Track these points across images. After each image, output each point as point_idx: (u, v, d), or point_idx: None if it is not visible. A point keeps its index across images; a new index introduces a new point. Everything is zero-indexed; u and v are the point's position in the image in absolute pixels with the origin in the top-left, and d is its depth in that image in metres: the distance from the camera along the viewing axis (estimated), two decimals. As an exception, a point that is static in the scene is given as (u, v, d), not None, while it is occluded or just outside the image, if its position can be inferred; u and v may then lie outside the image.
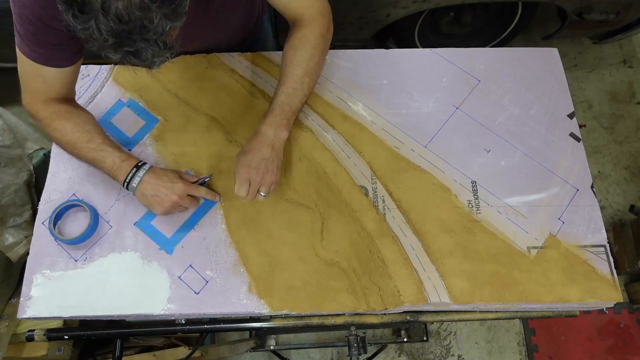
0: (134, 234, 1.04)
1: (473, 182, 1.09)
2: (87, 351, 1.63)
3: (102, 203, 1.07)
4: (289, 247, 1.02)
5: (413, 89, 1.19)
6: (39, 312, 0.98)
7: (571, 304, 0.99)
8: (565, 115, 1.16)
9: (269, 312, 0.97)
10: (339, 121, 1.16)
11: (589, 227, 1.05)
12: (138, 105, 1.17)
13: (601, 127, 2.48)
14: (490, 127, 1.15)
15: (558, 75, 1.21)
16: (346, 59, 1.23)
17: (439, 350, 2.06)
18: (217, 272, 1.00)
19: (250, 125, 1.14)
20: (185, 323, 1.07)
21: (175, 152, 1.12)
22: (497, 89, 1.19)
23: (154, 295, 0.98)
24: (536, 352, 2.04)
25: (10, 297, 1.45)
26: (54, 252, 1.02)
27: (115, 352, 1.19)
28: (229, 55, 1.23)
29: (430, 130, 1.15)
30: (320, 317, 1.04)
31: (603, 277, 1.00)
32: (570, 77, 2.57)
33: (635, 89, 2.57)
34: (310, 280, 0.99)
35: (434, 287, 0.99)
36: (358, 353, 1.21)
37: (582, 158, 1.12)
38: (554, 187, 1.08)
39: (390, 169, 1.10)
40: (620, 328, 2.07)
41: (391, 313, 1.02)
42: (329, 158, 1.11)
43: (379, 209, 1.06)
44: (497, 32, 2.32)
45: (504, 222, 1.05)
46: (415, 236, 1.03)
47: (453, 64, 1.23)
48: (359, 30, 2.02)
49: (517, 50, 1.25)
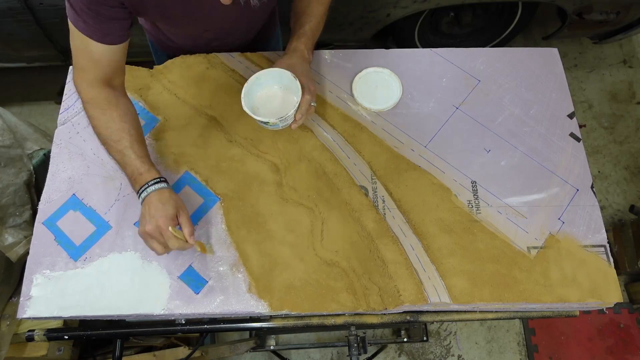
0: (134, 234, 1.04)
1: (473, 182, 1.09)
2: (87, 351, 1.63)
3: (102, 203, 1.07)
4: (288, 247, 1.02)
5: (413, 89, 1.19)
6: (39, 312, 0.98)
7: (571, 304, 0.99)
8: (565, 115, 1.16)
9: (269, 312, 0.97)
10: (339, 121, 1.16)
11: (589, 227, 1.05)
12: (138, 105, 1.17)
13: (601, 127, 2.48)
14: (490, 127, 1.15)
15: (558, 75, 1.21)
16: (346, 59, 1.23)
17: (439, 350, 2.06)
18: (217, 272, 1.00)
19: (250, 125, 1.14)
20: (185, 323, 1.07)
21: (175, 152, 1.12)
22: (497, 89, 1.19)
23: (154, 295, 0.98)
24: (536, 352, 2.04)
25: (11, 296, 1.45)
26: (54, 252, 1.02)
27: (115, 352, 1.19)
28: (229, 55, 1.24)
29: (430, 130, 1.15)
30: (320, 317, 1.04)
31: (603, 277, 1.00)
32: (570, 77, 2.57)
33: (635, 89, 2.57)
34: (310, 280, 0.99)
35: (434, 287, 0.99)
36: (358, 353, 1.21)
37: (582, 158, 1.12)
38: (554, 187, 1.08)
39: (390, 169, 1.10)
40: (620, 328, 2.07)
41: (391, 313, 1.02)
42: (329, 158, 1.12)
43: (379, 209, 1.06)
44: (497, 32, 2.32)
45: (504, 222, 1.05)
46: (415, 236, 1.03)
47: (453, 64, 1.23)
48: (359, 30, 2.03)
49: (517, 50, 1.25)
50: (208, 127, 1.15)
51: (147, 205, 0.90)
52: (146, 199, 0.91)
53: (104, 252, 1.02)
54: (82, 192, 1.08)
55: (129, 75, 1.20)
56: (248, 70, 1.21)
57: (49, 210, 1.06)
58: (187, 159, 1.11)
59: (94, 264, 1.01)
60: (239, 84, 1.19)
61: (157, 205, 0.90)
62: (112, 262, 1.01)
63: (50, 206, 1.07)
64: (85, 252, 1.02)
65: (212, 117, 1.16)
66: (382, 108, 1.16)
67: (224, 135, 1.14)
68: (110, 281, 0.99)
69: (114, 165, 1.10)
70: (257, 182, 1.09)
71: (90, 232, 1.04)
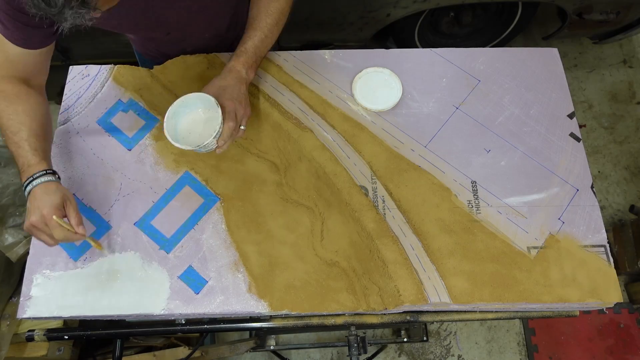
0: (134, 234, 1.04)
1: (473, 182, 1.09)
2: (87, 351, 1.63)
3: (102, 203, 1.07)
4: (288, 247, 1.02)
5: (413, 89, 1.19)
6: (39, 312, 0.98)
7: (571, 304, 0.99)
8: (565, 115, 1.16)
9: (269, 312, 0.97)
10: (339, 121, 1.16)
11: (589, 227, 1.05)
12: (138, 105, 1.17)
13: (601, 127, 2.48)
14: (490, 127, 1.15)
15: (558, 75, 1.21)
16: (346, 59, 1.23)
17: (439, 350, 2.06)
18: (217, 272, 1.00)
19: (250, 125, 1.14)
20: (185, 323, 1.07)
21: (175, 152, 1.12)
22: (497, 89, 1.19)
23: (154, 295, 0.98)
24: (536, 352, 2.04)
25: (11, 296, 1.45)
26: (54, 252, 1.02)
27: (115, 352, 1.19)
28: (229, 55, 1.23)
29: (430, 130, 1.15)
30: (320, 317, 1.04)
31: (603, 277, 1.00)
32: (570, 77, 2.57)
33: (635, 89, 2.57)
34: (310, 280, 0.99)
35: (434, 287, 0.99)
36: (358, 353, 1.21)
37: (582, 158, 1.12)
38: (554, 187, 1.08)
39: (390, 169, 1.10)
40: (620, 328, 2.07)
41: (391, 313, 1.02)
42: (329, 158, 1.12)
43: (379, 209, 1.06)
44: (497, 32, 2.32)
45: (504, 222, 1.05)
46: (415, 236, 1.03)
47: (453, 64, 1.23)
48: (359, 30, 2.03)
49: (517, 50, 1.25)
50: (208, 127, 1.15)
51: (32, 197, 0.88)
52: (32, 191, 0.89)
53: (104, 252, 1.02)
54: (82, 192, 1.08)
55: (130, 76, 1.21)
56: (248, 70, 1.21)
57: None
58: (187, 159, 1.11)
59: (94, 264, 1.01)
60: (239, 84, 1.20)
61: (42, 197, 0.88)
62: (112, 262, 1.01)
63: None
64: (85, 252, 1.02)
65: (212, 117, 1.16)
66: (382, 108, 1.16)
67: (224, 135, 1.14)
68: (110, 281, 0.99)
69: (114, 165, 1.10)
70: (257, 182, 1.09)
71: (90, 232, 1.04)
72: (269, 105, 1.17)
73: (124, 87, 1.19)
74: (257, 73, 1.21)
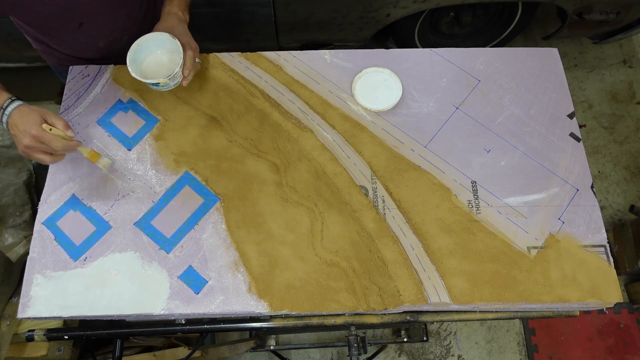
0: (134, 234, 1.04)
1: (473, 182, 1.09)
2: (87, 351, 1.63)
3: (102, 203, 1.07)
4: (288, 247, 1.02)
5: (413, 89, 1.19)
6: (39, 312, 0.98)
7: (571, 304, 0.99)
8: (565, 115, 1.16)
9: (269, 312, 0.97)
10: (339, 121, 1.16)
11: (589, 227, 1.05)
12: (138, 105, 1.17)
13: (601, 127, 2.48)
14: (490, 127, 1.15)
15: (558, 75, 1.21)
16: (346, 59, 1.23)
17: (439, 350, 2.06)
18: (217, 272, 1.00)
19: (250, 125, 1.14)
20: (185, 323, 1.07)
21: (175, 152, 1.12)
22: (497, 89, 1.19)
23: (154, 295, 0.98)
24: (536, 352, 2.04)
25: (11, 296, 1.45)
26: (54, 252, 1.02)
27: (115, 352, 1.19)
28: (229, 55, 1.24)
29: (430, 130, 1.15)
30: (320, 317, 1.04)
31: (603, 277, 1.00)
32: (570, 77, 2.57)
33: (635, 89, 2.57)
34: (310, 280, 0.99)
35: (434, 287, 0.99)
36: (358, 353, 1.21)
37: (582, 158, 1.12)
38: (554, 187, 1.08)
39: (390, 169, 1.10)
40: (620, 328, 2.07)
41: (391, 313, 1.02)
42: (329, 158, 1.12)
43: (378, 209, 1.06)
44: (497, 32, 2.32)
45: (504, 222, 1.05)
46: (415, 236, 1.03)
47: (453, 64, 1.23)
48: (359, 30, 2.03)
49: (517, 50, 1.25)
50: (208, 127, 1.15)
51: (13, 124, 0.92)
52: (10, 121, 0.92)
53: (104, 252, 1.02)
54: (82, 192, 1.08)
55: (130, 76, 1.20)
56: (248, 70, 1.21)
57: (49, 210, 1.06)
58: (187, 159, 1.11)
59: (94, 264, 1.01)
60: (239, 84, 1.20)
61: (22, 120, 0.91)
62: (112, 262, 1.01)
63: (50, 206, 1.07)
64: (85, 252, 1.02)
65: (212, 117, 1.16)
66: (382, 108, 1.16)
67: (224, 135, 1.14)
68: (110, 281, 0.99)
69: (114, 165, 1.10)
70: (257, 182, 1.09)
71: (90, 232, 1.04)
72: (269, 105, 1.17)
73: (124, 87, 1.19)
74: (257, 73, 1.21)
